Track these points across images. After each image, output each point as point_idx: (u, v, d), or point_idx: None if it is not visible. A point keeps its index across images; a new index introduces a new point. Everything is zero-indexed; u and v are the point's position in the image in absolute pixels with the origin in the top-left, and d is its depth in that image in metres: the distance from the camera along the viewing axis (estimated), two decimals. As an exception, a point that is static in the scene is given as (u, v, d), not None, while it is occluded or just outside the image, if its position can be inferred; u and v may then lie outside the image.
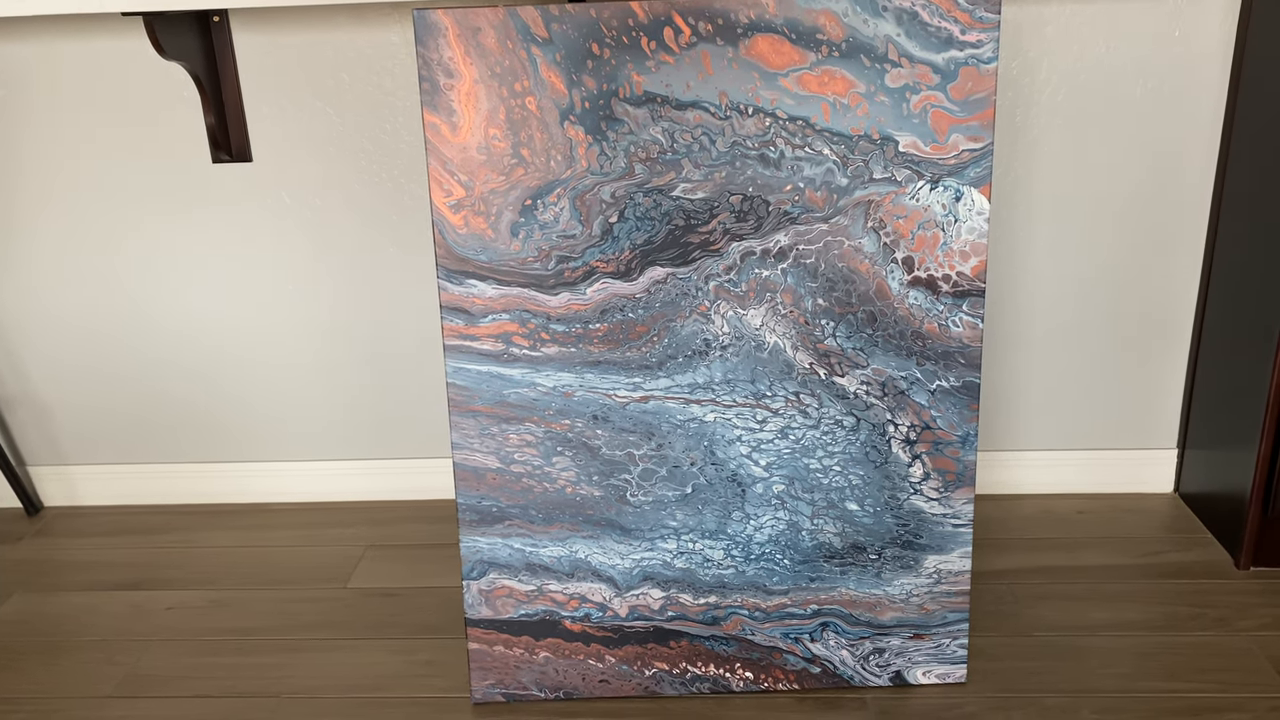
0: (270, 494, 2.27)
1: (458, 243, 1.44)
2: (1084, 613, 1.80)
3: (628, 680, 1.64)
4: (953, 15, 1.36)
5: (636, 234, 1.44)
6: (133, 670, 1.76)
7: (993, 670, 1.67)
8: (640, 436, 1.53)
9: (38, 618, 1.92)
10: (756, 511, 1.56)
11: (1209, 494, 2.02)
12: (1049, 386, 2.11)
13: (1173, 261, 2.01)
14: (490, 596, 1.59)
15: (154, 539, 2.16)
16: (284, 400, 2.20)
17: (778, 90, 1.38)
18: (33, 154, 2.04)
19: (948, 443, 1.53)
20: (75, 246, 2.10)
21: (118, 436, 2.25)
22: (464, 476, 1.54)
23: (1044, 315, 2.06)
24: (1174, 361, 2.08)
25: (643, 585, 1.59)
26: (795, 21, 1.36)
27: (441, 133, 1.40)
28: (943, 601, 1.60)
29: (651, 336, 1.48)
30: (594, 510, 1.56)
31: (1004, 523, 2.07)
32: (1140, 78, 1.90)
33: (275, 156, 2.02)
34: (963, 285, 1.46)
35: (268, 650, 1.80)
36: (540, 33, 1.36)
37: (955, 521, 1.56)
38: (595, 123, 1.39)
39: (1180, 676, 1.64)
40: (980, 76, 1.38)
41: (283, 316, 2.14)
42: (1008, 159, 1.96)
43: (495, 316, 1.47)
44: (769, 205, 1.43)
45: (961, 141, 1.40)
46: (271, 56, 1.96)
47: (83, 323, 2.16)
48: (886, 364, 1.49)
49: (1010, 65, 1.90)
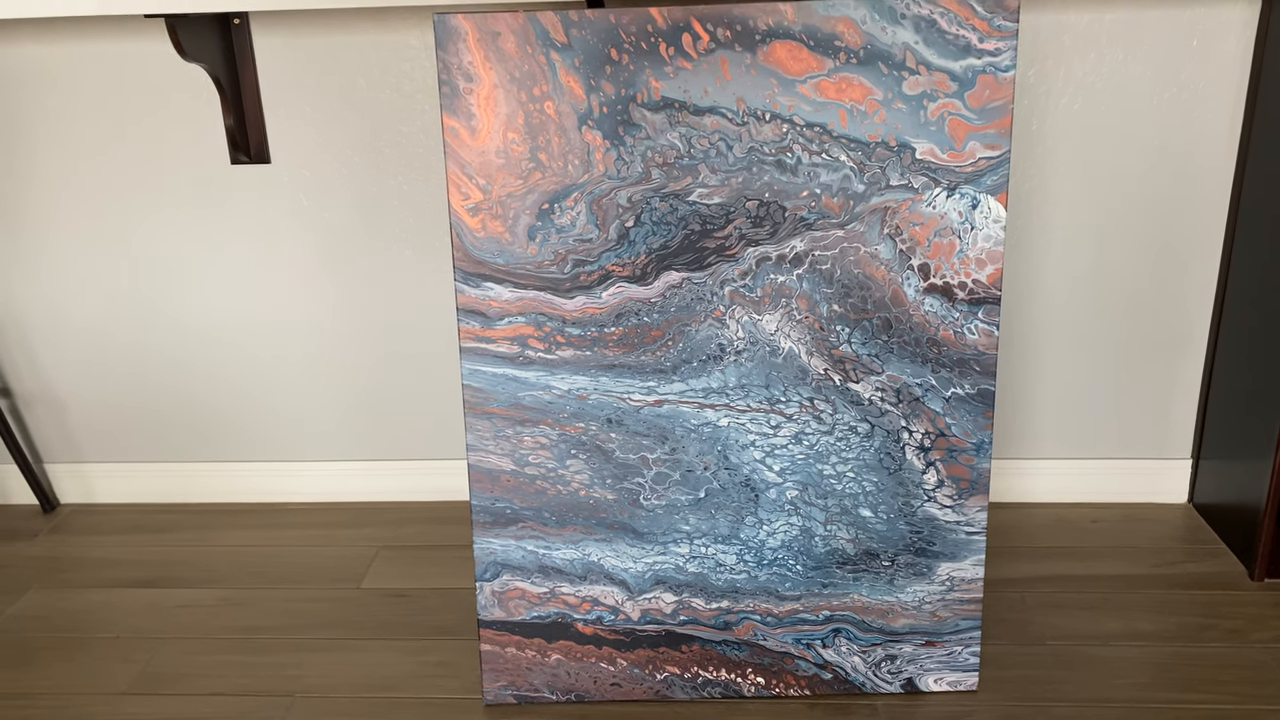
0: (284, 494, 2.28)
1: (475, 245, 1.44)
2: (1096, 622, 1.79)
3: (639, 684, 1.64)
4: (971, 23, 1.36)
5: (652, 238, 1.44)
6: (147, 667, 1.77)
7: (1004, 679, 1.67)
8: (654, 440, 1.53)
9: (53, 614, 1.93)
10: (770, 517, 1.56)
11: (1223, 505, 2.01)
12: (1064, 395, 2.11)
13: (1189, 271, 2.01)
14: (503, 598, 1.60)
15: (168, 537, 2.17)
16: (299, 400, 2.21)
17: (795, 96, 1.39)
18: (53, 154, 2.06)
19: (962, 450, 1.53)
20: (93, 246, 2.12)
21: (133, 434, 2.26)
22: (478, 478, 1.54)
23: (1059, 323, 2.06)
24: (1189, 371, 2.07)
25: (655, 589, 1.60)
26: (813, 28, 1.36)
27: (460, 136, 1.41)
28: (955, 609, 1.60)
29: (666, 341, 1.49)
30: (607, 513, 1.56)
31: (1017, 531, 2.07)
32: (1158, 87, 1.90)
33: (293, 158, 2.03)
34: (978, 293, 1.46)
35: (280, 649, 1.81)
36: (559, 38, 1.37)
37: (969, 529, 1.56)
38: (613, 127, 1.40)
39: (1193, 688, 1.64)
40: (998, 84, 1.38)
41: (299, 317, 2.15)
42: (1024, 167, 1.96)
43: (511, 319, 1.48)
44: (785, 211, 1.43)
45: (979, 149, 1.40)
46: (291, 59, 1.97)
47: (100, 321, 2.18)
48: (901, 370, 1.49)
49: (1028, 73, 1.90)
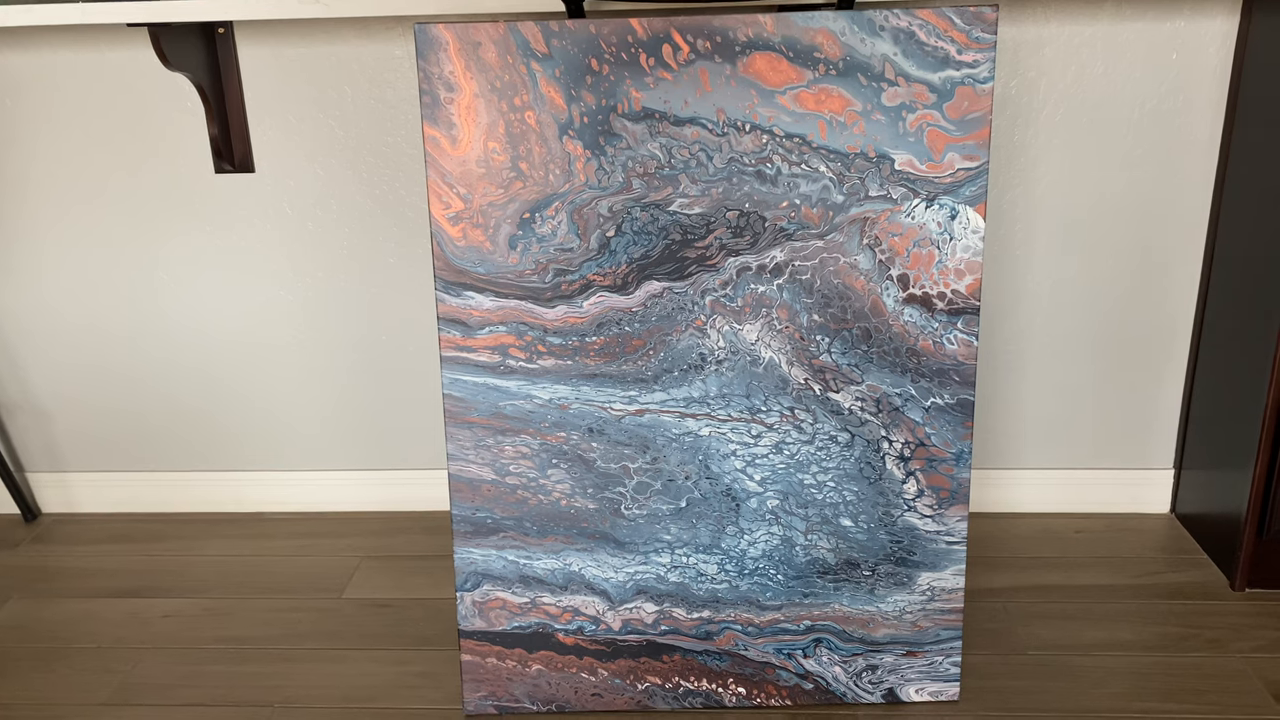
0: (267, 503, 2.28)
1: (456, 255, 1.45)
2: (1078, 632, 1.80)
3: (620, 694, 1.64)
4: (950, 35, 1.37)
5: (633, 248, 1.45)
6: (128, 678, 1.76)
7: (985, 689, 1.67)
8: (635, 450, 1.53)
9: (34, 624, 1.92)
10: (751, 526, 1.56)
11: (1205, 515, 2.02)
12: (1045, 405, 2.12)
13: (1169, 282, 2.02)
14: (484, 608, 1.59)
15: (151, 547, 2.16)
16: (281, 410, 2.21)
17: (775, 108, 1.39)
18: (36, 163, 2.06)
19: (942, 460, 1.53)
20: (77, 255, 2.12)
21: (116, 444, 2.26)
22: (459, 488, 1.54)
23: (1041, 334, 2.07)
24: (1171, 382, 2.08)
25: (636, 599, 1.60)
26: (793, 40, 1.37)
27: (441, 146, 1.41)
28: (936, 619, 1.60)
29: (647, 350, 1.49)
30: (588, 523, 1.56)
31: (999, 541, 2.07)
32: (1138, 99, 1.91)
33: (277, 167, 2.04)
34: (957, 303, 1.46)
35: (262, 659, 1.80)
36: (540, 48, 1.38)
37: (949, 539, 1.57)
38: (594, 138, 1.40)
39: (1174, 697, 1.64)
40: (976, 96, 1.39)
41: (281, 326, 2.14)
42: (1006, 177, 1.97)
43: (492, 329, 1.48)
44: (765, 221, 1.44)
45: (957, 160, 1.41)
46: (275, 68, 1.98)
47: (84, 331, 2.17)
48: (881, 380, 1.50)
49: (1009, 85, 1.91)
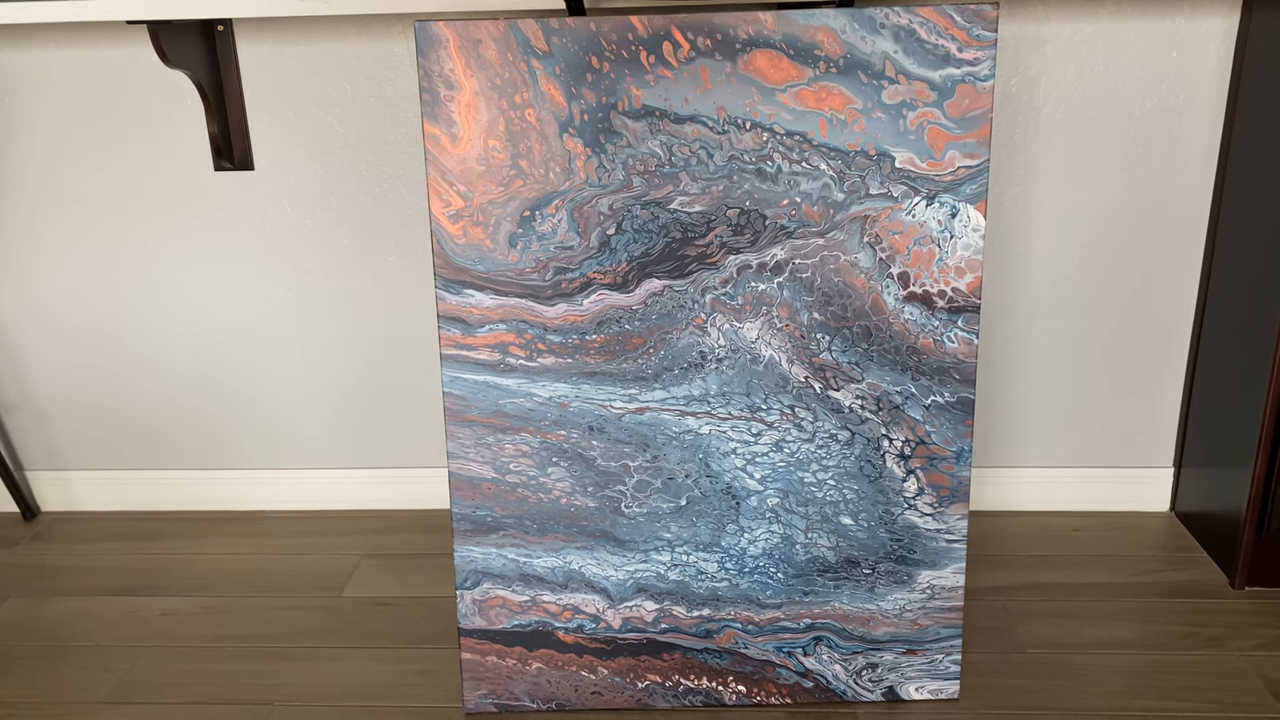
0: (266, 502, 2.28)
1: (456, 253, 1.45)
2: (1078, 630, 1.80)
3: (620, 692, 1.64)
4: (950, 33, 1.37)
5: (634, 246, 1.45)
6: (127, 676, 1.76)
7: (985, 687, 1.67)
8: (635, 448, 1.53)
9: (33, 622, 1.92)
10: (751, 525, 1.56)
11: (1204, 513, 2.02)
12: (1046, 403, 2.12)
13: (1169, 280, 2.02)
14: (484, 607, 1.59)
15: (150, 545, 2.16)
16: (281, 408, 2.21)
17: (775, 105, 1.39)
18: (35, 160, 2.06)
19: (942, 458, 1.53)
20: (76, 253, 2.11)
21: (116, 442, 2.25)
22: (459, 486, 1.54)
23: (1041, 332, 2.06)
24: (1170, 380, 2.08)
25: (636, 597, 1.59)
26: (793, 38, 1.37)
27: (441, 143, 1.41)
28: (936, 617, 1.60)
29: (648, 348, 1.49)
30: (588, 521, 1.56)
31: (999, 539, 2.07)
32: (1138, 97, 1.91)
33: (277, 165, 2.03)
34: (958, 301, 1.46)
35: (261, 658, 1.80)
36: (540, 46, 1.37)
37: (949, 537, 1.57)
38: (594, 135, 1.40)
39: (1173, 696, 1.64)
40: (977, 94, 1.39)
41: (281, 324, 2.14)
42: (1006, 175, 1.97)
43: (492, 327, 1.48)
44: (766, 219, 1.44)
45: (958, 158, 1.41)
46: (275, 66, 1.97)
47: (83, 329, 2.17)
48: (881, 379, 1.50)
49: (1010, 83, 1.91)
